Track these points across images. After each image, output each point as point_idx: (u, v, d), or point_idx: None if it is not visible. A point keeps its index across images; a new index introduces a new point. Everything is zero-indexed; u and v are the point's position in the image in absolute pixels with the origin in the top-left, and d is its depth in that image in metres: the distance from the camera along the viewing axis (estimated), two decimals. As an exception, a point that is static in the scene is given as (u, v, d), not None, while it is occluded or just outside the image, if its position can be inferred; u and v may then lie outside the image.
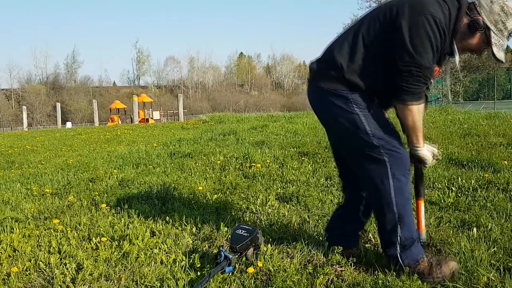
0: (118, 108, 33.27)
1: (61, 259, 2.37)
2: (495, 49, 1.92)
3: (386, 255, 2.05)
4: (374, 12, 1.99)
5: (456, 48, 1.94)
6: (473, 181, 3.46)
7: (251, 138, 6.73)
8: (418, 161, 2.02)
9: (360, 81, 1.92)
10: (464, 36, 1.93)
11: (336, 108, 1.96)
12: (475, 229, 2.50)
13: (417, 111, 1.88)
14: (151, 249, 2.45)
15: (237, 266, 2.13)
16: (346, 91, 1.93)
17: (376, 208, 2.03)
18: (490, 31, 1.90)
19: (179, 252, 2.37)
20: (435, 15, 1.82)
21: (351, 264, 2.15)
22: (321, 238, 2.47)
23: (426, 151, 2.00)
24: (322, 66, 2.01)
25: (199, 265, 2.21)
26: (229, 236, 2.44)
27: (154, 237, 2.64)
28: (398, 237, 1.96)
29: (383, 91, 1.95)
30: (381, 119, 1.97)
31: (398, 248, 1.97)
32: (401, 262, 1.97)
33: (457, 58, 1.95)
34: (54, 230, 2.82)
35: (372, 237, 2.53)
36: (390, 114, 2.09)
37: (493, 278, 1.92)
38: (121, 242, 2.52)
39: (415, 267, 1.95)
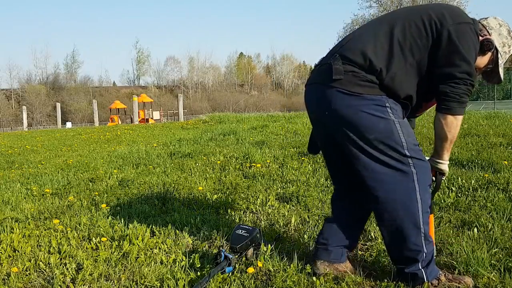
0: (118, 108, 33.28)
1: (61, 259, 2.37)
2: (500, 70, 1.95)
3: (403, 272, 1.88)
4: (406, 14, 1.89)
5: None
6: (473, 181, 3.46)
7: (251, 138, 6.73)
8: (439, 174, 1.97)
9: (397, 88, 1.80)
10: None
11: (369, 115, 1.76)
12: (475, 229, 2.50)
13: (460, 122, 1.83)
14: (151, 249, 2.45)
15: (237, 266, 2.13)
16: (383, 96, 1.79)
17: (397, 222, 1.82)
18: (498, 52, 1.92)
19: (179, 252, 2.37)
20: (474, 25, 1.82)
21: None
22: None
23: (447, 165, 1.95)
24: (353, 68, 1.79)
25: (199, 265, 2.21)
26: (229, 236, 2.44)
27: (154, 237, 2.64)
28: (423, 254, 1.83)
29: (415, 99, 1.88)
30: (411, 129, 1.89)
31: (420, 265, 1.84)
32: (426, 279, 1.84)
33: None
34: (54, 230, 2.82)
35: (373, 236, 2.53)
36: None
37: (493, 278, 1.92)
38: (121, 242, 2.52)
39: (435, 283, 1.87)
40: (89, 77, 71.45)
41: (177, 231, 2.76)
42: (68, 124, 32.90)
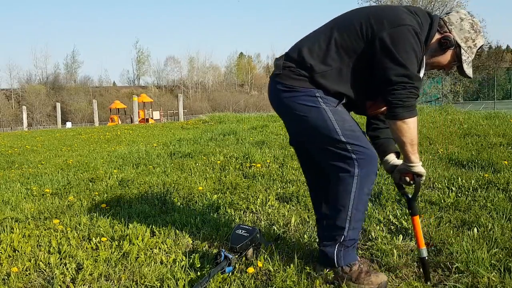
0: (118, 108, 33.27)
1: (61, 259, 2.37)
2: (465, 66, 1.92)
3: (320, 249, 2.01)
4: (346, 18, 1.93)
5: (424, 64, 1.92)
6: (473, 181, 3.46)
7: (251, 138, 6.73)
8: (417, 176, 1.93)
9: (329, 84, 1.87)
10: (435, 52, 1.92)
11: (302, 105, 1.89)
12: (475, 229, 2.50)
13: (414, 124, 1.82)
14: (151, 249, 2.45)
15: (237, 266, 2.13)
16: (313, 89, 1.88)
17: (331, 202, 1.96)
18: (460, 48, 1.90)
19: (179, 252, 2.37)
20: (414, 26, 1.79)
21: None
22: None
23: (421, 166, 1.92)
24: (289, 64, 1.93)
25: (199, 265, 2.21)
26: (229, 236, 2.44)
27: (154, 237, 2.64)
28: (343, 236, 1.93)
29: (353, 98, 1.92)
30: (348, 116, 1.93)
31: (337, 247, 1.94)
32: (336, 261, 1.95)
33: (421, 74, 1.92)
34: (54, 230, 2.82)
35: (373, 236, 2.53)
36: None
37: (493, 278, 1.92)
38: (121, 242, 2.52)
39: (346, 270, 1.94)
40: (89, 77, 71.65)
41: (177, 231, 2.76)
42: (68, 124, 32.88)
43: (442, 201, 3.07)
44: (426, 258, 1.98)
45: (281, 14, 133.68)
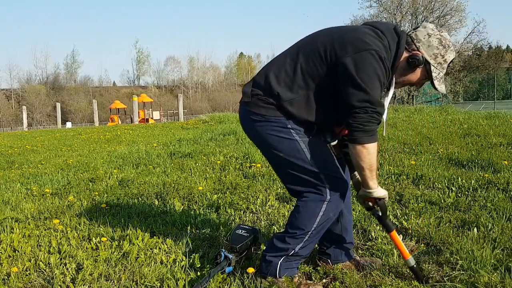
0: (118, 108, 33.27)
1: (61, 259, 2.37)
2: (436, 83, 1.89)
3: (266, 256, 2.00)
4: (312, 41, 1.90)
5: (394, 82, 1.90)
6: (473, 181, 3.46)
7: (251, 138, 6.72)
8: (379, 200, 1.89)
9: (298, 112, 1.85)
10: (404, 71, 1.89)
11: (274, 136, 1.88)
12: (475, 229, 2.50)
13: (374, 149, 1.78)
14: (151, 249, 2.45)
15: (237, 266, 2.13)
16: (283, 118, 1.86)
17: (293, 219, 1.95)
18: (430, 65, 1.87)
19: (179, 252, 2.37)
20: (378, 51, 1.75)
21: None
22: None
23: (381, 189, 1.89)
24: (258, 92, 1.90)
25: (199, 265, 2.21)
26: (229, 236, 2.44)
27: (154, 237, 2.64)
28: (293, 251, 1.93)
29: (322, 125, 1.90)
30: (320, 146, 1.93)
31: (283, 259, 1.95)
32: (278, 272, 1.95)
33: (391, 93, 1.92)
34: (54, 230, 2.82)
35: (373, 236, 2.53)
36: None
37: (493, 278, 1.92)
38: (121, 242, 2.52)
39: (287, 282, 1.95)
40: (89, 77, 71.52)
41: (177, 231, 2.76)
42: (68, 124, 32.88)
43: (442, 201, 3.07)
44: (415, 266, 1.97)
45: (281, 14, 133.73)
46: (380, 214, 1.97)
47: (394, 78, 1.89)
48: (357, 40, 1.77)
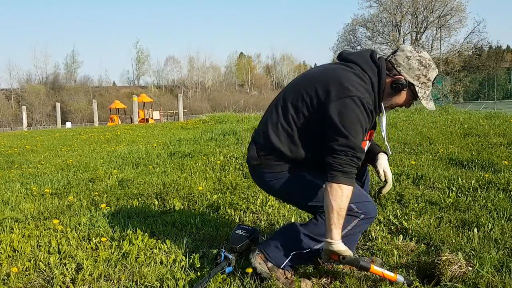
0: (118, 108, 33.26)
1: (61, 259, 2.36)
2: (424, 102, 1.93)
3: (277, 244, 1.99)
4: (297, 88, 1.95)
5: (384, 108, 1.95)
6: (473, 181, 3.46)
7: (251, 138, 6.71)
8: (342, 258, 1.81)
9: (307, 161, 1.94)
10: (390, 96, 1.94)
11: (294, 183, 1.97)
12: (475, 229, 2.49)
13: (348, 193, 1.78)
14: (151, 249, 2.45)
15: (237, 266, 2.13)
16: (297, 166, 1.97)
17: (320, 228, 1.93)
18: (414, 86, 1.90)
19: (179, 252, 2.37)
20: (361, 96, 1.79)
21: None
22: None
23: (342, 244, 1.81)
24: (263, 153, 1.99)
25: (199, 265, 2.21)
26: (229, 236, 2.43)
27: (154, 237, 2.63)
28: (307, 251, 1.94)
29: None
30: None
31: (293, 254, 1.96)
32: (284, 262, 1.97)
33: (384, 118, 1.97)
34: (54, 230, 2.81)
35: (373, 236, 2.53)
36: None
37: (493, 278, 1.92)
38: (121, 242, 2.52)
39: (287, 274, 1.97)
40: (89, 77, 71.62)
41: (177, 231, 2.76)
42: (68, 124, 32.88)
43: (443, 201, 3.06)
44: (405, 282, 1.95)
45: (281, 14, 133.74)
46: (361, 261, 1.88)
47: (382, 105, 1.94)
48: (340, 86, 1.82)
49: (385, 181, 2.12)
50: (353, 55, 1.97)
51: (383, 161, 2.15)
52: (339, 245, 1.80)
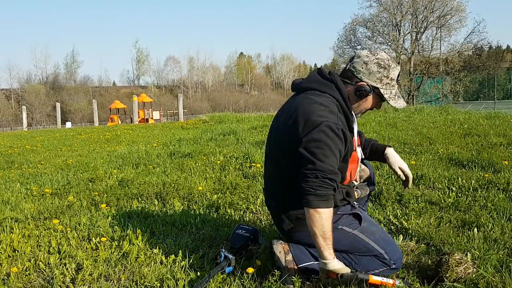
0: (118, 108, 33.25)
1: (61, 259, 2.36)
2: (392, 102, 1.93)
3: (303, 248, 2.01)
4: (274, 145, 2.02)
5: (355, 117, 1.97)
6: (473, 181, 3.46)
7: (251, 138, 6.72)
8: (340, 277, 1.77)
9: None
10: (357, 102, 1.95)
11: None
12: (475, 229, 2.49)
13: (327, 215, 1.74)
14: (151, 249, 2.45)
15: (237, 266, 2.13)
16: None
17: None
18: (379, 89, 1.91)
19: (179, 252, 2.37)
20: (328, 121, 1.78)
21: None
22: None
23: (338, 262, 1.78)
24: (284, 217, 2.01)
25: (199, 265, 2.21)
26: (229, 236, 2.43)
27: (154, 237, 2.63)
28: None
29: (336, 197, 1.94)
30: (370, 225, 2.02)
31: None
32: (297, 262, 1.99)
33: (355, 124, 1.98)
34: (54, 230, 2.81)
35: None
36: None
37: (493, 278, 1.92)
38: (121, 242, 2.52)
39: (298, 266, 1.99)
40: (89, 77, 71.66)
41: (177, 231, 2.76)
42: (68, 124, 32.88)
43: (443, 201, 3.06)
44: (404, 285, 1.95)
45: (281, 14, 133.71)
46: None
47: (353, 113, 1.96)
48: (304, 123, 1.82)
49: (406, 176, 2.14)
50: (304, 82, 1.98)
51: (394, 158, 2.16)
52: (334, 264, 1.77)
